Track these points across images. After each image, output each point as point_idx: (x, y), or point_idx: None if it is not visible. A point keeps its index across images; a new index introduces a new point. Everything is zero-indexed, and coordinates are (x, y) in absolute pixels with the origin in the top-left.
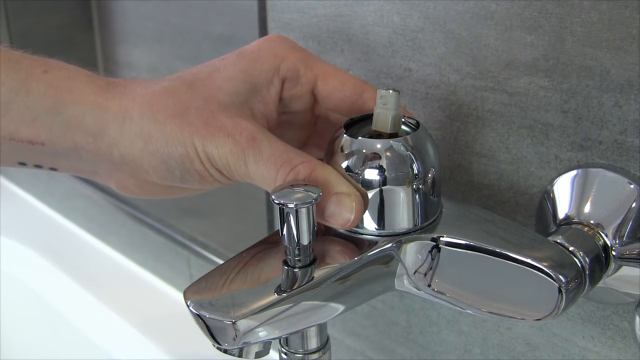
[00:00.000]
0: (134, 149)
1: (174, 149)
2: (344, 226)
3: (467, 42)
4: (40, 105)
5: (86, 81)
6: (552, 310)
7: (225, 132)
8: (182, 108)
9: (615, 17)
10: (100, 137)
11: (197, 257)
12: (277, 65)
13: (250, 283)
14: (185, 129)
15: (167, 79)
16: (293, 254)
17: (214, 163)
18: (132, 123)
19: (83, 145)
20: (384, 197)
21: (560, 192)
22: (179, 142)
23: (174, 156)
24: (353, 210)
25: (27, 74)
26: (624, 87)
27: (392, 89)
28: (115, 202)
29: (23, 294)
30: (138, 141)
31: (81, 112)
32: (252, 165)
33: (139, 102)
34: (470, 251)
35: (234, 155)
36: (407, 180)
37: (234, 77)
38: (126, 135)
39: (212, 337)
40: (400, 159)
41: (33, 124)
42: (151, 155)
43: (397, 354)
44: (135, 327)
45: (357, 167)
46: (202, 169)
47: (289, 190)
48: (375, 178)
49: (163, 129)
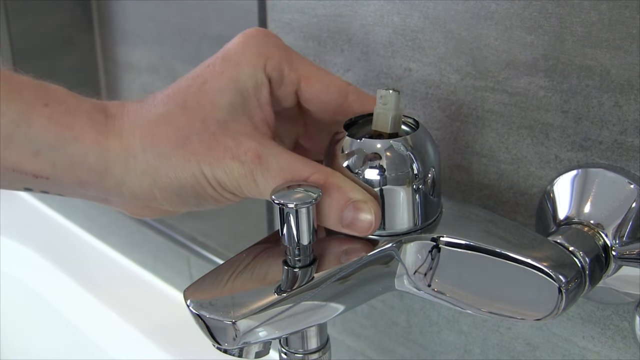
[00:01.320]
0: (143, 186)
1: (185, 181)
2: (366, 232)
3: (467, 42)
4: (42, 140)
5: (86, 117)
6: (552, 310)
7: (230, 154)
8: (183, 136)
9: (615, 17)
10: (105, 176)
11: (197, 257)
12: (263, 65)
13: (250, 283)
14: (192, 159)
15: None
16: (293, 254)
17: (225, 187)
18: (136, 160)
19: (89, 182)
20: (384, 197)
21: (560, 192)
22: (188, 173)
23: (185, 187)
24: (372, 215)
25: (28, 106)
26: (624, 87)
27: (392, 89)
28: None
29: (23, 294)
30: (146, 178)
31: (83, 150)
32: (262, 183)
33: (138, 136)
34: (470, 251)
35: (243, 177)
36: (407, 180)
37: (225, 88)
38: (132, 174)
39: (212, 337)
40: (400, 159)
41: (36, 158)
42: (162, 189)
43: (397, 354)
44: (135, 327)
45: (357, 167)
46: (215, 194)
47: (289, 190)
48: (376, 178)
49: (169, 162)
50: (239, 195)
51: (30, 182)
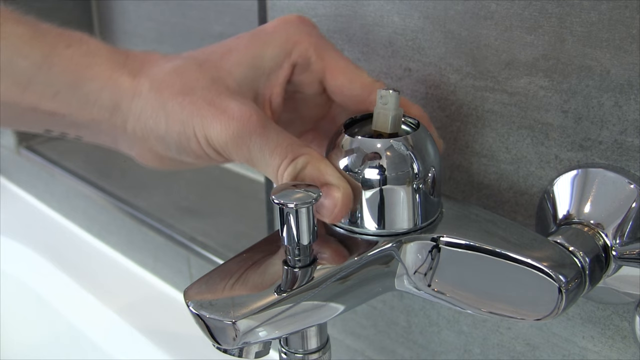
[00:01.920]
0: (140, 123)
1: (172, 126)
2: (329, 219)
3: (467, 42)
4: (61, 81)
5: (105, 57)
6: (552, 310)
7: (230, 114)
8: (188, 87)
9: (615, 17)
10: (114, 112)
11: (197, 257)
12: (289, 50)
13: (250, 283)
14: (186, 108)
15: (181, 57)
16: (293, 254)
17: (212, 143)
18: (139, 99)
19: (100, 119)
20: (384, 197)
21: (560, 192)
22: (178, 120)
23: (171, 132)
24: (339, 202)
25: (51, 49)
26: (624, 87)
27: (392, 89)
28: (115, 202)
29: (23, 294)
30: (142, 116)
31: (98, 88)
32: (257, 151)
33: (149, 79)
34: (470, 251)
35: (237, 137)
36: (407, 180)
37: (244, 62)
38: (133, 110)
39: (212, 337)
40: (400, 158)
41: (54, 98)
42: (152, 130)
43: (397, 354)
44: (135, 327)
45: (356, 166)
46: (197, 148)
47: (289, 190)
48: (375, 177)
49: (165, 106)
50: (223, 156)
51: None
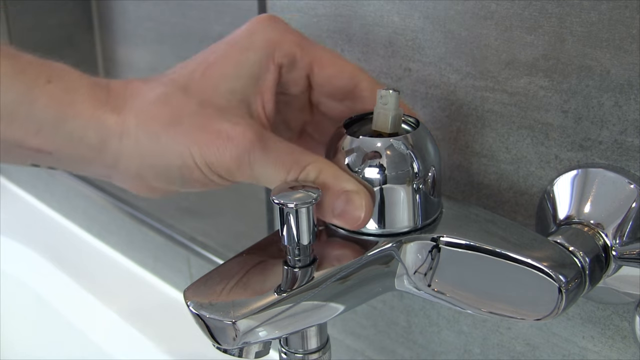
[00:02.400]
0: (134, 163)
1: (171, 161)
2: (354, 225)
3: (467, 42)
4: (44, 118)
5: (87, 93)
6: (552, 310)
7: (225, 135)
8: (176, 116)
9: (615, 17)
10: (103, 151)
11: (197, 257)
12: (272, 52)
13: (250, 283)
14: (180, 140)
15: (162, 83)
16: (293, 254)
17: (214, 169)
18: (129, 137)
19: (89, 157)
20: (384, 196)
21: (560, 192)
22: (175, 154)
23: (171, 168)
24: (363, 208)
25: (31, 84)
26: (624, 87)
27: (392, 89)
28: (115, 202)
29: (23, 294)
30: (136, 155)
31: (82, 127)
32: (259, 168)
33: (134, 113)
34: (470, 251)
35: (236, 159)
36: (407, 179)
37: (228, 74)
38: (125, 150)
39: (212, 337)
40: (400, 157)
41: (38, 134)
42: (150, 168)
43: (397, 354)
44: (135, 327)
45: (357, 165)
46: (201, 177)
47: (289, 190)
48: (376, 177)
49: (158, 141)
50: (228, 179)
51: (35, 157)
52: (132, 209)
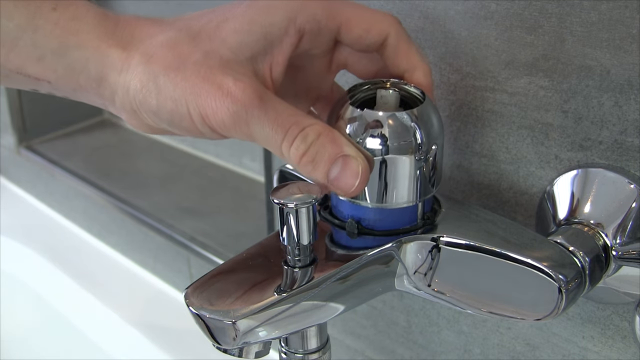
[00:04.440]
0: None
1: (164, 103)
2: (348, 192)
3: (467, 42)
4: (46, 45)
5: (93, 23)
6: (552, 310)
7: (225, 90)
8: (180, 61)
9: (615, 17)
10: (102, 84)
11: (197, 257)
12: (294, 17)
13: (250, 283)
14: (179, 85)
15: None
16: (293, 254)
17: (208, 121)
18: (128, 72)
19: (87, 88)
20: (386, 167)
21: (560, 192)
22: (170, 97)
23: (162, 110)
24: (359, 174)
25: (36, 10)
26: (624, 87)
27: (392, 89)
28: (115, 202)
29: (23, 294)
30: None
31: (84, 57)
32: (256, 125)
33: (139, 51)
34: (470, 251)
35: (233, 115)
36: (409, 151)
37: (240, 29)
38: (121, 85)
39: (212, 337)
40: (403, 128)
41: (39, 62)
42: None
43: (397, 354)
44: (135, 327)
45: (358, 135)
46: (191, 126)
47: (289, 190)
48: (377, 147)
49: (156, 81)
50: (221, 134)
51: (34, 84)
52: (132, 209)
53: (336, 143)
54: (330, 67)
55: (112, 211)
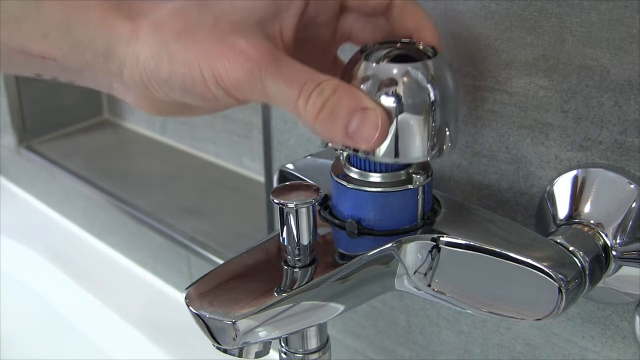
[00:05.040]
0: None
1: (176, 68)
2: (368, 145)
3: (467, 42)
4: (51, 22)
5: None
6: (552, 310)
7: (238, 49)
8: (191, 26)
9: (615, 17)
10: (109, 58)
11: (197, 257)
12: None
13: (250, 283)
14: (191, 48)
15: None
16: (293, 254)
17: (222, 83)
18: (137, 43)
19: (94, 65)
20: (399, 125)
21: (560, 192)
22: (182, 61)
23: (175, 75)
24: (378, 126)
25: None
26: (624, 87)
27: None
28: (115, 202)
29: (23, 294)
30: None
31: (91, 32)
32: (271, 84)
33: (147, 22)
34: (470, 251)
35: (248, 73)
36: (424, 109)
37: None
38: (131, 55)
39: (212, 337)
40: (417, 85)
41: (44, 40)
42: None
43: (397, 354)
44: (135, 327)
45: (372, 93)
46: (204, 90)
47: (289, 190)
48: (391, 105)
49: (167, 47)
50: (236, 96)
51: (39, 65)
52: (132, 209)
53: (354, 96)
54: (335, 37)
55: (112, 211)
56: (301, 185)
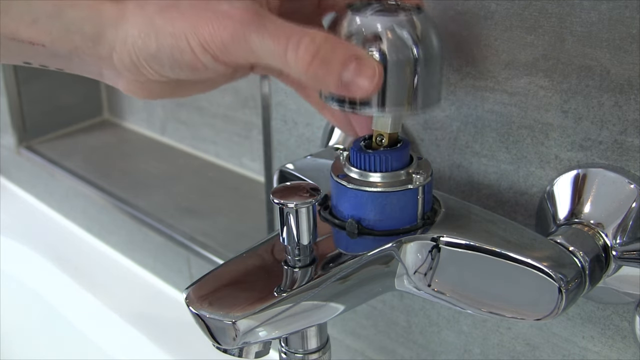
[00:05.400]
0: (127, 47)
1: (163, 41)
2: (366, 91)
3: (467, 42)
4: (40, 7)
5: None
6: (552, 310)
7: (221, 14)
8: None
9: (615, 17)
10: (99, 42)
11: (197, 257)
12: None
13: (250, 283)
14: (176, 20)
15: None
16: (293, 254)
17: (208, 47)
18: (124, 22)
19: (84, 49)
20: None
21: (560, 192)
22: (169, 33)
23: (163, 48)
24: (375, 73)
25: None
26: (624, 87)
27: None
28: (115, 202)
29: (23, 294)
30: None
31: (80, 17)
32: (256, 39)
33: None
34: (470, 251)
35: (232, 33)
36: (408, 64)
37: None
38: (120, 36)
39: (212, 337)
40: (401, 41)
41: (33, 25)
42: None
43: (397, 354)
44: (135, 327)
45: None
46: (193, 59)
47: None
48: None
49: (153, 23)
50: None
51: (28, 51)
52: (132, 209)
53: (346, 45)
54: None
55: (112, 211)
56: (301, 185)
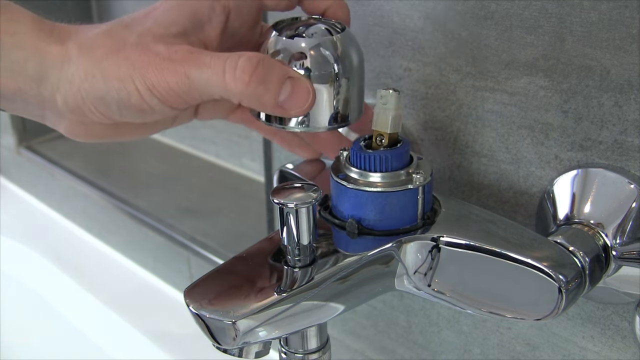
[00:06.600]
0: (72, 89)
1: (111, 84)
2: (302, 109)
3: (467, 42)
4: None
5: (31, 25)
6: (552, 310)
7: (161, 57)
8: (119, 45)
9: (615, 17)
10: (42, 83)
11: (197, 257)
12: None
13: (250, 283)
14: (122, 64)
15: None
16: (293, 254)
17: (155, 91)
18: (70, 64)
19: (27, 90)
20: None
21: (560, 192)
22: (116, 77)
23: (110, 91)
24: (310, 92)
25: None
26: (624, 87)
27: (392, 89)
28: (115, 202)
29: (23, 294)
30: (75, 80)
31: (23, 57)
32: (195, 73)
33: (78, 44)
34: (470, 251)
35: (173, 74)
36: (330, 79)
37: (170, 9)
38: (64, 78)
39: (212, 337)
40: (324, 58)
41: None
42: (88, 92)
43: (397, 354)
44: (135, 327)
45: None
46: (140, 102)
47: (289, 190)
48: None
49: (99, 65)
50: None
51: None
52: (132, 209)
53: (280, 65)
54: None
55: (112, 211)
56: (301, 185)
